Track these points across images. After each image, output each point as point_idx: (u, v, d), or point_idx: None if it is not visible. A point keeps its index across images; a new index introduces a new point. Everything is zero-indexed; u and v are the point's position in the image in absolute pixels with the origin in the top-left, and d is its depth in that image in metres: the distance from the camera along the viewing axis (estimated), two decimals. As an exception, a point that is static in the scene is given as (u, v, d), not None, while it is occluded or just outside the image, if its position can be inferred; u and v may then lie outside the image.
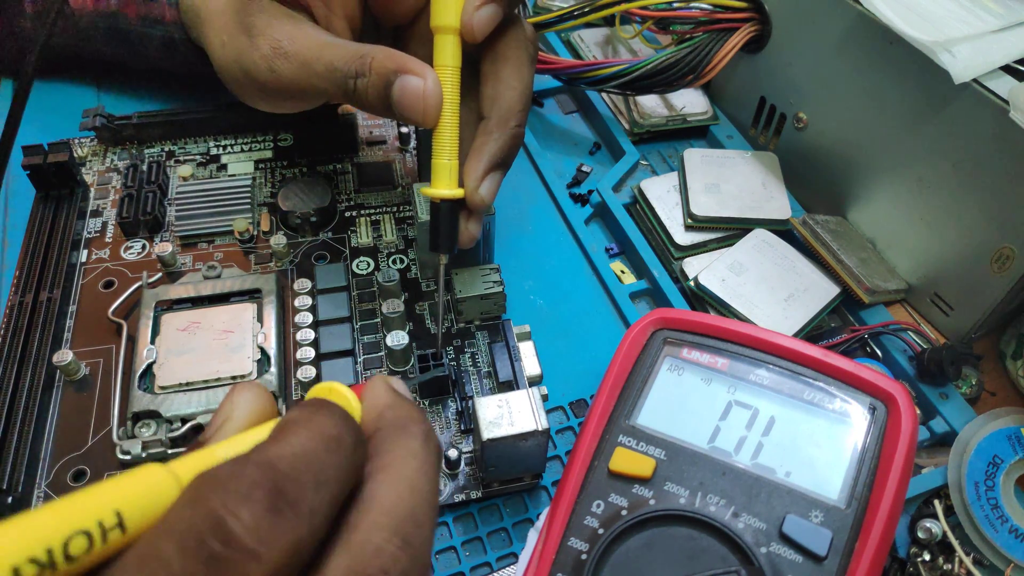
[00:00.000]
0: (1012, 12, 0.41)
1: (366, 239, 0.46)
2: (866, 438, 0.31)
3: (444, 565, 0.35)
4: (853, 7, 0.43)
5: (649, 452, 0.31)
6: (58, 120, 0.51)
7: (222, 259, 0.44)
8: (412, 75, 0.34)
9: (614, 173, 0.51)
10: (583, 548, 0.29)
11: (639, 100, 0.54)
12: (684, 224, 0.47)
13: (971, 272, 0.41)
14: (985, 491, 0.36)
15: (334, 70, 0.35)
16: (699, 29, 0.50)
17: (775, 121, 0.52)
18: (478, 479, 0.37)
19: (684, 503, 0.30)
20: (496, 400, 0.34)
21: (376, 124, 0.53)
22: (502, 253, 0.47)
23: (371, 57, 0.34)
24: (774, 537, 0.28)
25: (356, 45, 0.35)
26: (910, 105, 0.42)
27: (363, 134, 0.52)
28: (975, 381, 0.42)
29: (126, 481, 0.17)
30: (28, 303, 0.40)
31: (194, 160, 0.49)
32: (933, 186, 0.42)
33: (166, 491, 0.17)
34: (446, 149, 0.35)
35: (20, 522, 0.15)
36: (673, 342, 0.34)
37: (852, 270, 0.43)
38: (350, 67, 0.34)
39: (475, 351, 0.41)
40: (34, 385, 0.37)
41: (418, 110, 0.34)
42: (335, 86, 0.35)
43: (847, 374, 0.32)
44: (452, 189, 0.36)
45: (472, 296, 0.41)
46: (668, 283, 0.45)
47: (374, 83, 0.34)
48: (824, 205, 0.50)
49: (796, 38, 0.48)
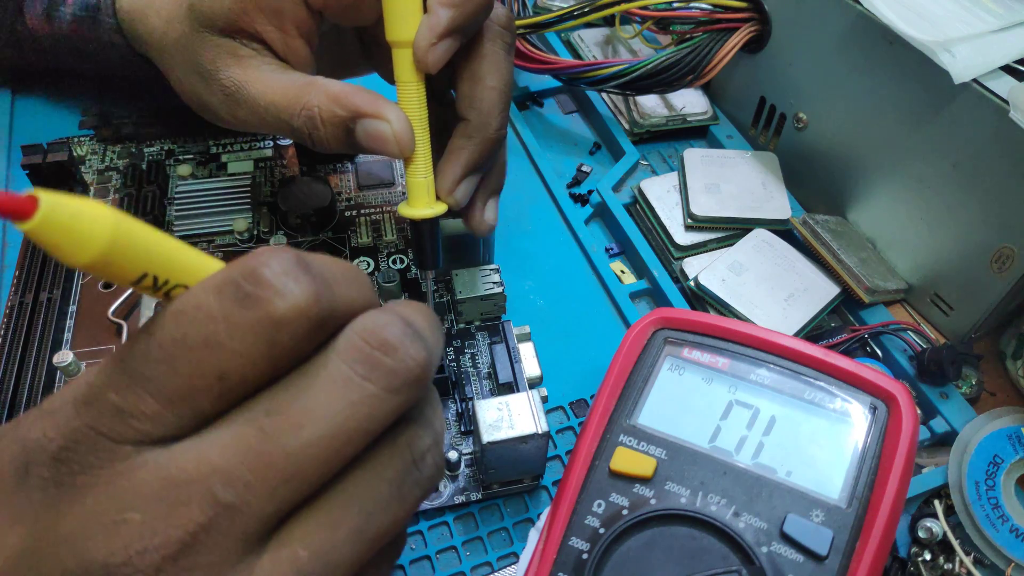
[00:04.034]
0: (1012, 12, 0.41)
1: (366, 239, 0.46)
2: (867, 438, 0.31)
3: (445, 565, 0.35)
4: (853, 7, 0.43)
5: (650, 452, 0.31)
6: (57, 119, 0.51)
7: (222, 259, 0.44)
8: (372, 119, 0.32)
9: (614, 173, 0.51)
10: (584, 548, 0.29)
11: (639, 100, 0.54)
12: (684, 224, 0.47)
13: (971, 272, 0.41)
14: (986, 491, 0.36)
15: (282, 122, 0.34)
16: (699, 29, 0.50)
17: (775, 121, 0.52)
18: (478, 481, 0.37)
19: (685, 503, 0.30)
20: (496, 403, 0.34)
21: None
22: (502, 253, 0.47)
23: (316, 108, 0.32)
24: (775, 537, 0.29)
25: (300, 88, 0.33)
26: (910, 105, 0.42)
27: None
28: (975, 381, 0.42)
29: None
30: (28, 303, 0.40)
31: (193, 159, 0.49)
32: (933, 186, 0.42)
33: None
34: (420, 167, 0.34)
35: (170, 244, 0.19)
36: (674, 342, 0.34)
37: (852, 270, 0.43)
38: (299, 122, 0.33)
39: (475, 352, 0.41)
40: (34, 386, 0.37)
41: (391, 151, 0.33)
42: (291, 136, 0.34)
43: (848, 374, 0.32)
44: (431, 207, 0.34)
45: (472, 297, 0.41)
46: (668, 283, 0.45)
47: (331, 134, 0.33)
48: (824, 205, 0.50)
49: (796, 38, 0.48)
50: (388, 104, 0.33)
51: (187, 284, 0.19)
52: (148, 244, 0.18)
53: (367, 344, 0.20)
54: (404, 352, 0.20)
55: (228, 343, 0.18)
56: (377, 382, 0.19)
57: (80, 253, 0.16)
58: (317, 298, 0.19)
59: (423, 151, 0.34)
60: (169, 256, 0.18)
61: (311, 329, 0.19)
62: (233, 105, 0.35)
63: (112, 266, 0.17)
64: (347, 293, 0.20)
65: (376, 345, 0.20)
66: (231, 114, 0.35)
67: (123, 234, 0.17)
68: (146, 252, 0.18)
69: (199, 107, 0.37)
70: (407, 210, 0.35)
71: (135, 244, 0.17)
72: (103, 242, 0.16)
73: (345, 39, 0.40)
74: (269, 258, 0.19)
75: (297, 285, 0.18)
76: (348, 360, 0.19)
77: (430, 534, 0.36)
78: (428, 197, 0.34)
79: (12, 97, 0.53)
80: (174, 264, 0.19)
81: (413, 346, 0.20)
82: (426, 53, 0.31)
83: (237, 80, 0.34)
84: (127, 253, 0.17)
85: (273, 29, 0.34)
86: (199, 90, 0.36)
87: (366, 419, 0.19)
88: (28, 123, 0.52)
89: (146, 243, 0.18)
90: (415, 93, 0.33)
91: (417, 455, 0.21)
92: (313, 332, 0.19)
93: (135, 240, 0.17)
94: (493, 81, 0.34)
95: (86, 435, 0.18)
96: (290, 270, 0.19)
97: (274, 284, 0.18)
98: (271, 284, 0.18)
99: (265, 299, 0.18)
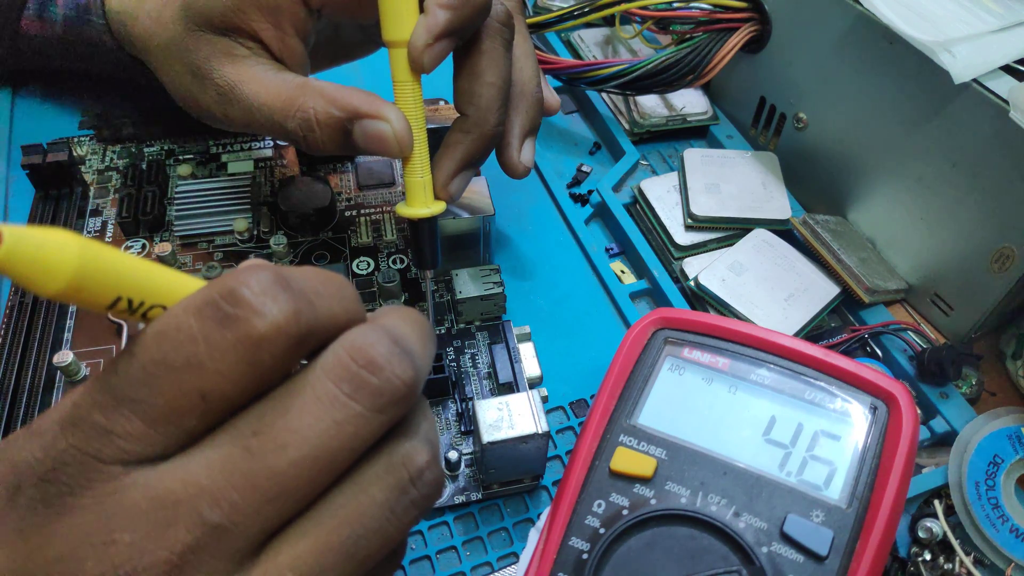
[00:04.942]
0: (1012, 12, 0.41)
1: (366, 239, 0.46)
2: (867, 438, 0.31)
3: (445, 565, 0.35)
4: (853, 7, 0.43)
5: (650, 452, 0.31)
6: (57, 119, 0.51)
7: (222, 259, 0.44)
8: (371, 120, 0.32)
9: (614, 173, 0.51)
10: (584, 548, 0.29)
11: (639, 100, 0.54)
12: (684, 224, 0.47)
13: (971, 272, 0.41)
14: (986, 491, 0.36)
15: (275, 123, 0.33)
16: (699, 29, 0.50)
17: (775, 121, 0.52)
18: (478, 481, 0.37)
19: (685, 503, 0.30)
20: (496, 403, 0.34)
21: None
22: (502, 253, 0.47)
23: (312, 109, 0.32)
24: (775, 537, 0.28)
25: (294, 89, 0.33)
26: (910, 105, 0.42)
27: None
28: (975, 381, 0.42)
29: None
30: (28, 303, 0.40)
31: (194, 159, 0.49)
32: (933, 186, 0.42)
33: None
34: (418, 167, 0.34)
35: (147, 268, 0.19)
36: (674, 342, 0.34)
37: (852, 270, 0.43)
38: (293, 123, 0.33)
39: (475, 352, 0.41)
40: (34, 386, 0.37)
41: (391, 151, 0.33)
42: (283, 137, 0.34)
43: (848, 374, 0.32)
44: (429, 206, 0.35)
45: (472, 297, 0.41)
46: (668, 283, 0.45)
47: (328, 135, 0.33)
48: (824, 205, 0.50)
49: (796, 38, 0.48)
50: (386, 104, 0.33)
51: (164, 304, 0.19)
52: (118, 267, 0.18)
53: (353, 362, 0.20)
54: (391, 371, 0.20)
55: (209, 364, 0.18)
56: (362, 401, 0.19)
57: (49, 283, 0.16)
58: (297, 316, 0.19)
59: (420, 151, 0.34)
60: (142, 278, 0.19)
61: (292, 347, 0.19)
62: (226, 105, 0.35)
63: (83, 292, 0.17)
64: (329, 307, 0.20)
65: (363, 364, 0.20)
66: (224, 114, 0.35)
67: (90, 260, 0.17)
68: (116, 275, 0.18)
69: (192, 107, 0.37)
70: (405, 210, 0.35)
71: (104, 268, 0.17)
72: (71, 270, 0.16)
73: (343, 30, 0.40)
74: (248, 277, 0.19)
75: (275, 304, 0.19)
76: (334, 378, 0.19)
77: (430, 534, 0.36)
78: (426, 196, 0.34)
79: (12, 97, 0.53)
80: (148, 285, 0.19)
81: (400, 364, 0.20)
82: (421, 54, 0.31)
83: (231, 79, 0.34)
84: (97, 278, 0.17)
85: (269, 27, 0.34)
86: (192, 90, 0.36)
87: (351, 438, 0.19)
88: (28, 123, 0.52)
89: (116, 266, 0.18)
90: (411, 93, 0.33)
91: (414, 473, 0.21)
92: (294, 349, 0.19)
93: (104, 264, 0.17)
94: (492, 77, 0.34)
95: (73, 456, 0.18)
96: (268, 289, 0.19)
97: (253, 304, 0.18)
98: (250, 304, 0.18)
99: (244, 319, 0.18)
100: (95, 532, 0.18)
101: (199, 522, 0.18)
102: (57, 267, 0.16)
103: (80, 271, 0.16)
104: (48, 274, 0.16)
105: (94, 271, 0.17)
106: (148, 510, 0.18)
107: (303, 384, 0.19)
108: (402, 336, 0.21)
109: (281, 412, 0.19)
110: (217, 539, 0.18)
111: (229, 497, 0.18)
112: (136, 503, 0.18)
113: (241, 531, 0.18)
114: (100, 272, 0.17)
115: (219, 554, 0.18)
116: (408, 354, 0.20)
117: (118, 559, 0.18)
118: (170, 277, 0.19)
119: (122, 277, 0.18)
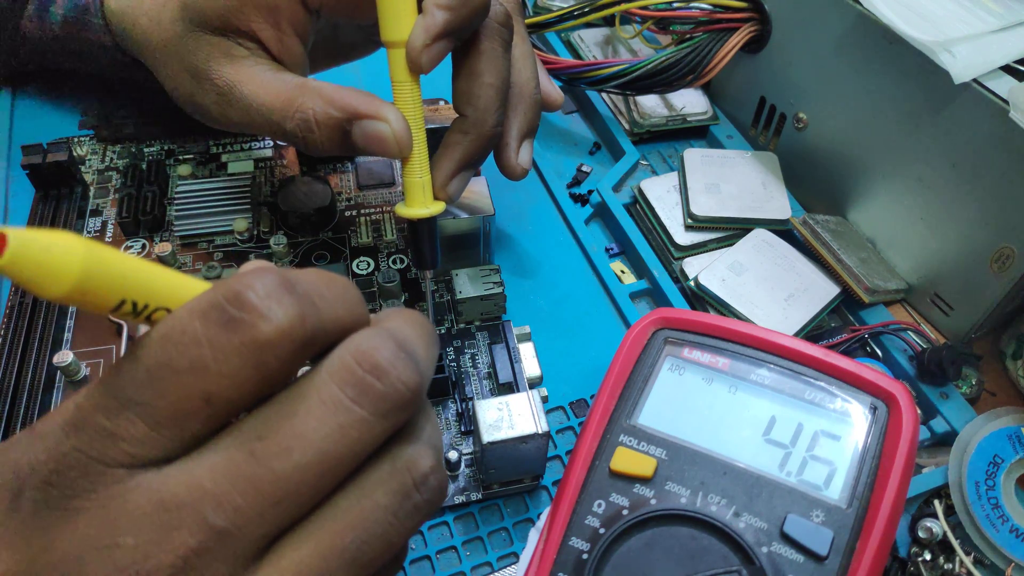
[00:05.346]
0: (1012, 12, 0.41)
1: (366, 239, 0.46)
2: (867, 438, 0.31)
3: (445, 565, 0.35)
4: (853, 7, 0.43)
5: (650, 452, 0.31)
6: (57, 119, 0.51)
7: (222, 259, 0.44)
8: (371, 120, 0.32)
9: (614, 173, 0.51)
10: (584, 548, 0.29)
11: (639, 100, 0.54)
12: (684, 224, 0.47)
13: (971, 272, 0.41)
14: (986, 491, 0.36)
15: (274, 124, 0.33)
16: (699, 29, 0.50)
17: (775, 121, 0.52)
18: (478, 481, 0.37)
19: (685, 503, 0.30)
20: (496, 403, 0.34)
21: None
22: (502, 253, 0.47)
23: (311, 110, 0.32)
24: (775, 537, 0.28)
25: (293, 89, 0.33)
26: (910, 105, 0.42)
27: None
28: (975, 381, 0.42)
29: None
30: (28, 303, 0.40)
31: (193, 159, 0.49)
32: (933, 186, 0.42)
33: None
34: (416, 167, 0.34)
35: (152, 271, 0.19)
36: (674, 342, 0.34)
37: (852, 270, 0.43)
38: (292, 124, 0.33)
39: (475, 352, 0.41)
40: (34, 386, 0.37)
41: (390, 151, 0.33)
42: (281, 138, 0.34)
43: (848, 374, 0.32)
44: (428, 206, 0.34)
45: (472, 297, 0.41)
46: (668, 283, 0.45)
47: (327, 136, 0.33)
48: (824, 205, 0.50)
49: (796, 38, 0.48)
50: (386, 104, 0.33)
51: (169, 307, 0.19)
52: (123, 270, 0.18)
53: (358, 367, 0.20)
54: (395, 376, 0.20)
55: (214, 367, 0.18)
56: (367, 407, 0.19)
57: (54, 286, 0.16)
58: (302, 319, 0.19)
59: (420, 151, 0.34)
60: (146, 280, 0.19)
61: (297, 350, 0.19)
62: (225, 105, 0.34)
63: (88, 295, 0.17)
64: (334, 311, 0.20)
65: (367, 368, 0.20)
66: (222, 114, 0.35)
67: (95, 263, 0.17)
68: (122, 278, 0.18)
69: (190, 107, 0.37)
70: (404, 210, 0.35)
71: (109, 271, 0.17)
72: (76, 273, 0.16)
73: (342, 30, 0.40)
74: (253, 280, 0.19)
75: (281, 307, 0.19)
76: (339, 383, 0.19)
77: (430, 534, 0.36)
78: (425, 197, 0.34)
79: (12, 97, 0.53)
80: (152, 288, 0.19)
81: (405, 370, 0.20)
82: (419, 54, 0.31)
83: (230, 80, 0.34)
84: (102, 281, 0.17)
85: (269, 27, 0.34)
86: (191, 90, 0.36)
87: (355, 442, 0.19)
88: (28, 123, 0.52)
89: (120, 269, 0.18)
90: (410, 93, 0.33)
91: (419, 478, 0.21)
92: (299, 353, 0.19)
93: (108, 267, 0.17)
94: (491, 78, 0.34)
95: (77, 459, 0.18)
96: (273, 292, 0.19)
97: (258, 307, 0.18)
98: (255, 307, 0.18)
99: (250, 322, 0.18)
100: (99, 535, 0.18)
101: (203, 526, 0.18)
102: (62, 270, 0.16)
103: (85, 274, 0.16)
104: (53, 277, 0.16)
105: (99, 274, 0.17)
106: (152, 513, 0.18)
107: (308, 388, 0.19)
108: (406, 340, 0.21)
109: (285, 416, 0.19)
110: (221, 543, 0.18)
111: (233, 501, 0.18)
112: (140, 506, 0.18)
113: (245, 535, 0.18)
114: (105, 275, 0.17)
115: (223, 558, 0.18)
116: (412, 358, 0.20)
117: (122, 562, 0.18)
118: (174, 280, 0.19)
119: (127, 280, 0.18)
